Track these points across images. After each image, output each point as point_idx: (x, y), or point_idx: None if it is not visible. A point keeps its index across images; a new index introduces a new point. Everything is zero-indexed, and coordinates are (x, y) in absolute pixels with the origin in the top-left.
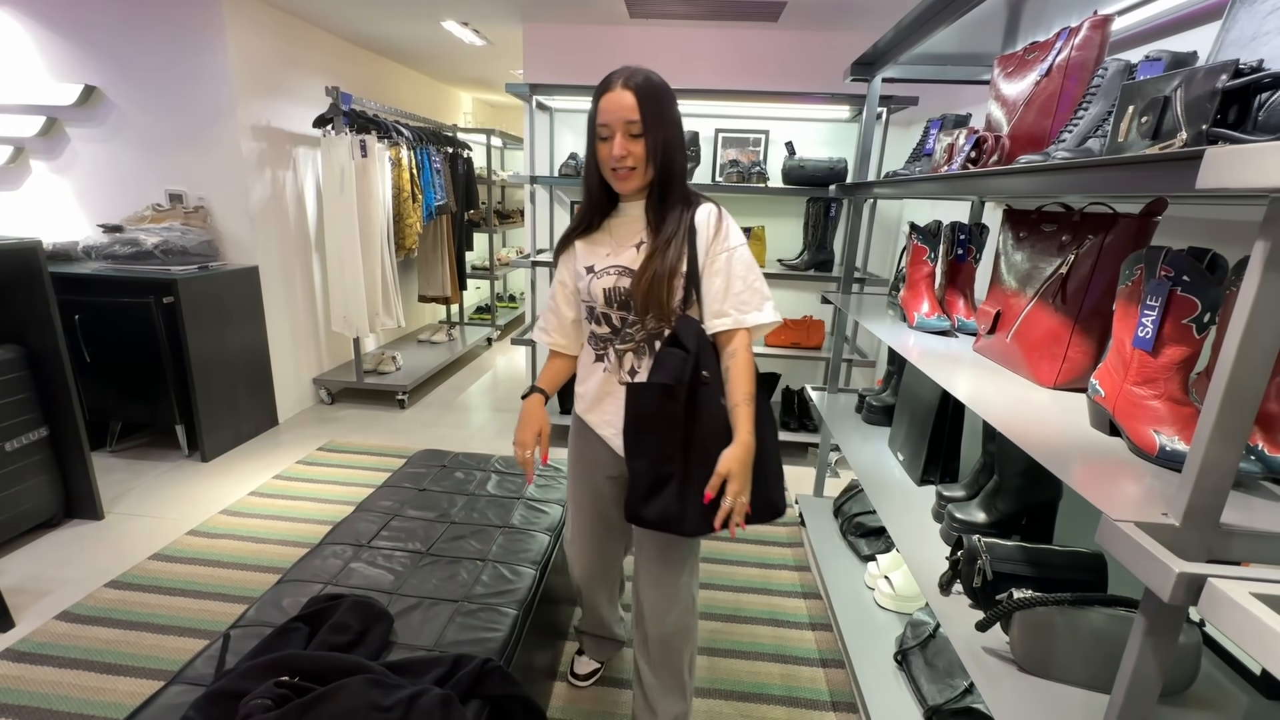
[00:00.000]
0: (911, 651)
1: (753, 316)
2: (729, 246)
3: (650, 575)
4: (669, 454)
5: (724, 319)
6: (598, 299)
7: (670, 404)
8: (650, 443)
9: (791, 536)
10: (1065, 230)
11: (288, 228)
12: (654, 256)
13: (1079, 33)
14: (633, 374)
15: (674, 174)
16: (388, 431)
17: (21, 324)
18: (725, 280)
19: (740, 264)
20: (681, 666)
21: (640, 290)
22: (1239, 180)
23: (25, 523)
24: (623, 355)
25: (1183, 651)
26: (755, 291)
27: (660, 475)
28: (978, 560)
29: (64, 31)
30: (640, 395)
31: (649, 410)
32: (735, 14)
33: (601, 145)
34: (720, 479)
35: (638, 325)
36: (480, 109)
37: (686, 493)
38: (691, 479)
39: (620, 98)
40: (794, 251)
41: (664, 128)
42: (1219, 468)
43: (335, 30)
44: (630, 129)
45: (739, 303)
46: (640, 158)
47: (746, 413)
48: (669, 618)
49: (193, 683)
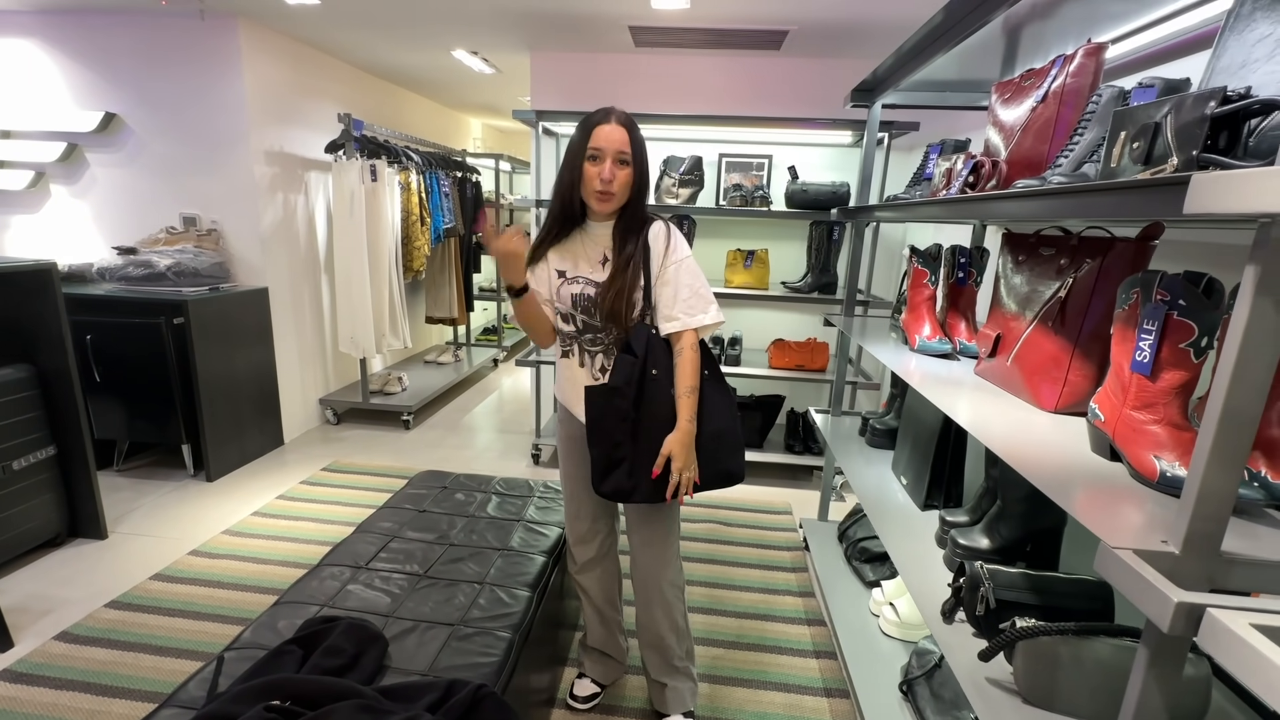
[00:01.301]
0: (917, 681)
1: (697, 319)
2: (677, 259)
3: (640, 537)
4: (619, 441)
5: (673, 322)
6: (566, 303)
7: (620, 402)
8: (604, 433)
9: (795, 561)
10: (1063, 254)
11: (298, 250)
12: (615, 276)
13: (1074, 60)
14: (604, 371)
15: (642, 200)
16: (392, 452)
17: (33, 343)
18: (674, 289)
19: (687, 274)
20: (677, 616)
21: (605, 306)
22: (1225, 205)
23: (29, 541)
24: (594, 356)
25: (1191, 684)
26: (700, 297)
27: (613, 459)
28: (980, 588)
29: (86, 61)
30: (594, 396)
31: (601, 409)
32: (738, 43)
33: (590, 165)
34: (664, 458)
35: (603, 331)
36: (489, 134)
37: (636, 470)
38: (640, 459)
39: (615, 131)
40: (797, 274)
41: (643, 162)
42: (1218, 494)
43: (348, 58)
44: (620, 157)
45: (686, 308)
46: (624, 183)
47: (688, 403)
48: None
49: (185, 706)
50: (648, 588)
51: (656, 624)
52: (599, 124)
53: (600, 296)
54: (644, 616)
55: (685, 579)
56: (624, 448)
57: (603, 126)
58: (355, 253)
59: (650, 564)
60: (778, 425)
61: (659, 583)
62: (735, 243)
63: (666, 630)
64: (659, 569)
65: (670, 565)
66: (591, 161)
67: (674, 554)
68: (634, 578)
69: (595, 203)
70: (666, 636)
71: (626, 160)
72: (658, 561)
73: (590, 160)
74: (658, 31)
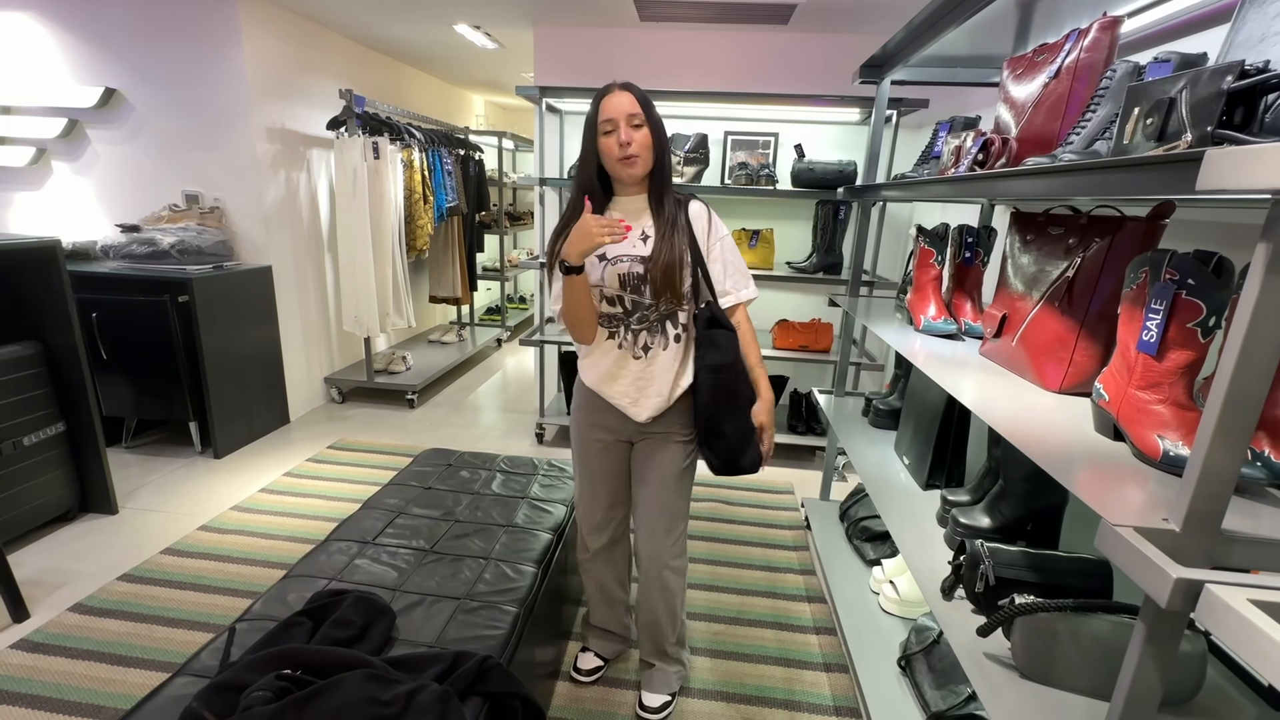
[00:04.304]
0: (915, 657)
1: (745, 293)
2: (720, 236)
3: (652, 520)
4: (745, 407)
5: (727, 297)
6: (614, 285)
7: (740, 380)
8: (738, 409)
9: (797, 540)
10: (1072, 233)
11: (301, 228)
12: (661, 244)
13: (1088, 34)
14: (646, 350)
15: (666, 167)
16: (397, 430)
17: (40, 321)
18: (723, 266)
19: (730, 251)
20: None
21: (658, 276)
22: (1239, 181)
23: (42, 516)
24: (638, 335)
25: (1187, 660)
26: (742, 273)
27: (745, 432)
28: (980, 565)
29: (85, 36)
30: (720, 376)
31: (732, 386)
32: (745, 17)
33: (605, 139)
34: (762, 428)
35: (652, 307)
36: (492, 111)
37: (753, 440)
38: (754, 430)
39: (620, 97)
40: (803, 254)
41: (657, 121)
42: (1220, 473)
43: (349, 34)
44: (632, 120)
45: (734, 283)
46: (644, 144)
47: (762, 373)
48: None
49: (198, 674)
50: (651, 572)
51: (654, 609)
52: (603, 97)
53: (649, 269)
54: (644, 598)
55: (689, 561)
56: (748, 415)
57: (608, 97)
58: (358, 231)
59: (657, 549)
60: (781, 406)
61: (662, 568)
62: (740, 222)
63: (663, 616)
64: (664, 554)
65: (676, 551)
66: (606, 135)
67: (681, 538)
68: (639, 561)
69: (622, 171)
70: (662, 622)
71: (640, 122)
72: (664, 547)
73: (605, 135)
74: (663, 5)
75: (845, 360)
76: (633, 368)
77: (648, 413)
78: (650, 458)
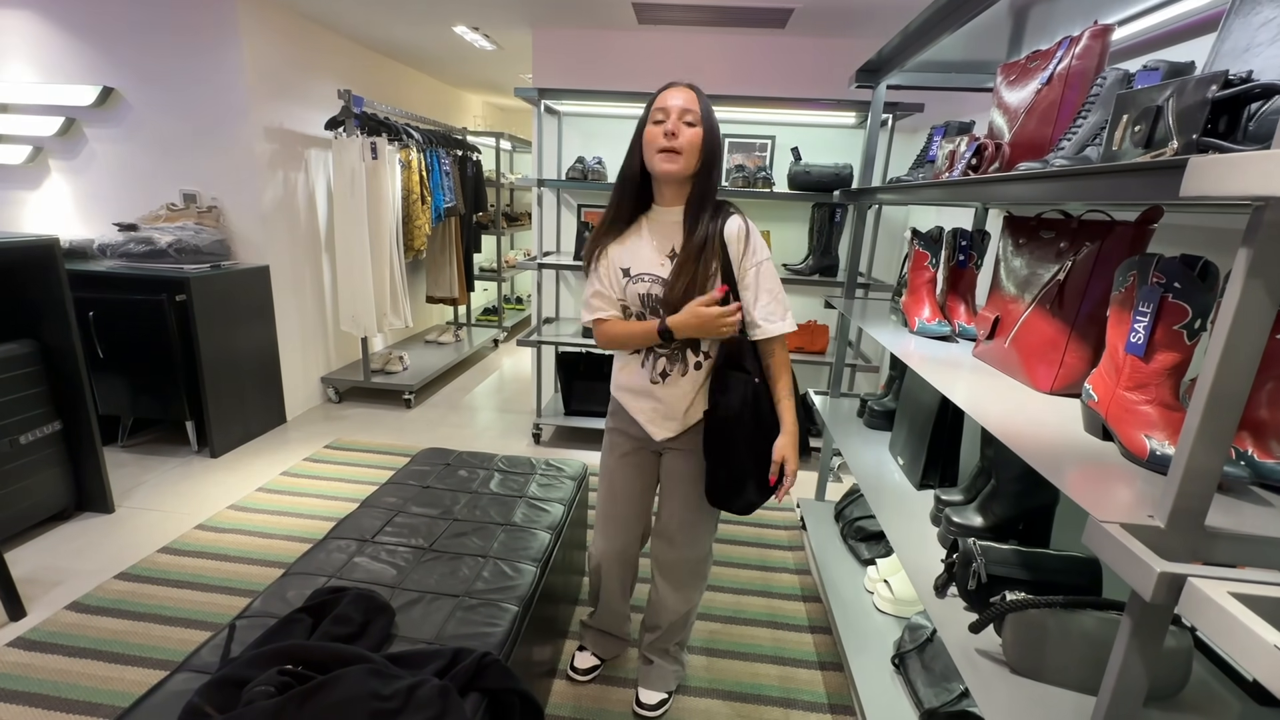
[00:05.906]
0: (909, 655)
1: (776, 327)
2: (757, 261)
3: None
4: (745, 460)
5: (756, 330)
6: (635, 303)
7: (743, 429)
8: (737, 457)
9: (792, 540)
10: (1063, 237)
11: (298, 228)
12: (683, 267)
13: (1080, 42)
14: (664, 376)
15: (713, 177)
16: (394, 430)
17: (37, 319)
18: (754, 294)
19: (767, 278)
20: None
21: (673, 301)
22: (1220, 188)
23: (38, 514)
24: (657, 360)
25: (1172, 655)
26: (779, 303)
27: (738, 477)
28: (973, 563)
29: (83, 34)
30: (722, 425)
31: (731, 434)
32: (742, 20)
33: (654, 127)
34: (779, 465)
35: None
36: (490, 112)
37: (762, 481)
38: (761, 470)
39: (681, 91)
40: (799, 256)
41: (714, 128)
42: (1203, 471)
43: (348, 34)
44: (686, 117)
45: (767, 314)
46: (691, 144)
47: (788, 405)
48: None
49: (198, 670)
50: (673, 578)
51: (666, 611)
52: (665, 89)
53: (667, 292)
54: (660, 600)
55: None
56: (748, 464)
57: (668, 89)
58: (356, 231)
59: (680, 557)
60: None
61: (686, 574)
62: None
63: (677, 620)
64: (687, 562)
65: (705, 561)
66: (656, 124)
67: (705, 548)
68: (661, 566)
69: (660, 164)
70: (673, 623)
71: (694, 121)
72: (688, 556)
73: (655, 123)
74: (661, 8)
75: (841, 362)
76: (651, 390)
77: (663, 434)
78: (674, 469)
